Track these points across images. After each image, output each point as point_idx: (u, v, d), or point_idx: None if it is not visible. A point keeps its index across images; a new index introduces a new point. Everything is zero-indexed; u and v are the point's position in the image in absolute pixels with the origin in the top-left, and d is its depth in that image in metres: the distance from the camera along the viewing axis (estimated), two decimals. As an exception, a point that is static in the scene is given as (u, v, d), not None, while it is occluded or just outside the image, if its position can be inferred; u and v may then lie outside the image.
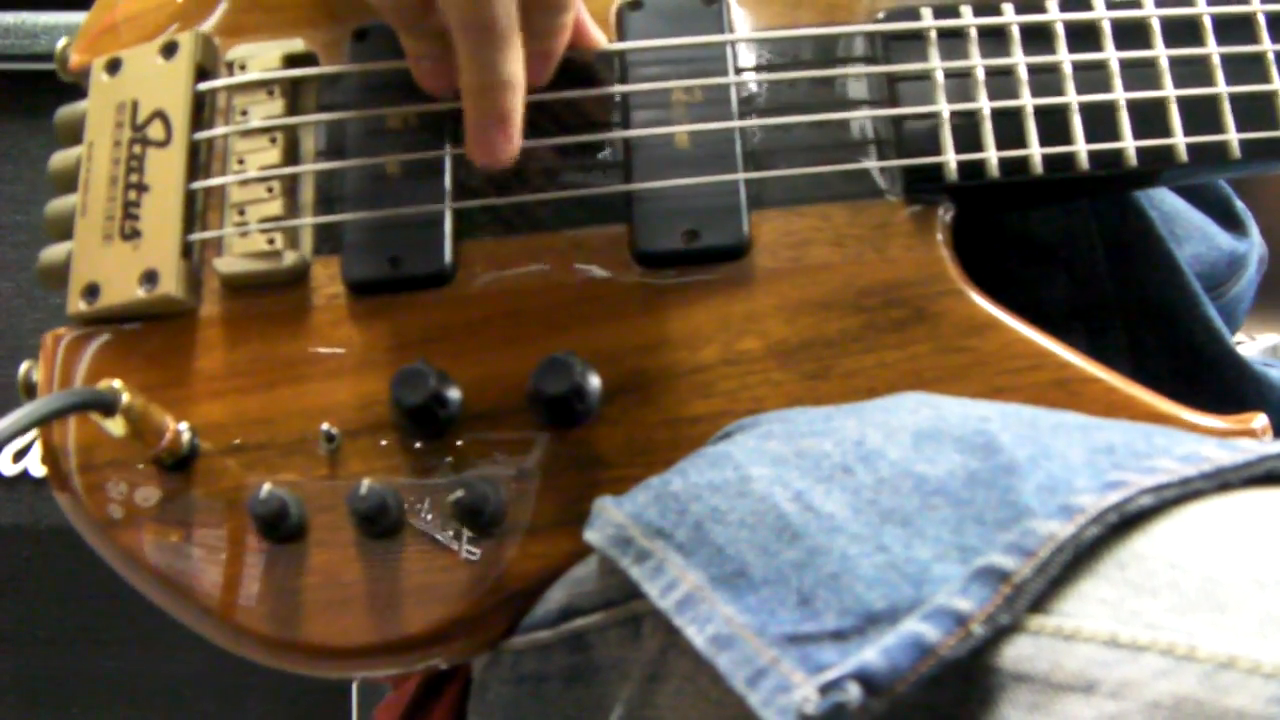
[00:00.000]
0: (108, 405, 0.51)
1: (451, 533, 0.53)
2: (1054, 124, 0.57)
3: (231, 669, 1.11)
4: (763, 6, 0.61)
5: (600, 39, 0.59)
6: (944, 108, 0.57)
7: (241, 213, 0.58)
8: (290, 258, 0.57)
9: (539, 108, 0.58)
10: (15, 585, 1.12)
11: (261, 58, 0.60)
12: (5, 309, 1.13)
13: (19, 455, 1.10)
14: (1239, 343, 0.68)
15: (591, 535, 0.49)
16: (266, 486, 0.52)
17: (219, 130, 0.60)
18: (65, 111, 0.63)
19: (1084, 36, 0.58)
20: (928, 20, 0.58)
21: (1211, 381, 0.65)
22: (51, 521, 1.09)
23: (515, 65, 0.52)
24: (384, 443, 0.55)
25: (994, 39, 0.58)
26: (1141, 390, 0.53)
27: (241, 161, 0.59)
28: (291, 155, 0.59)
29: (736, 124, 0.57)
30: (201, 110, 0.61)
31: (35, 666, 1.14)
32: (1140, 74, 0.58)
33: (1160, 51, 0.58)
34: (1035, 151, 0.56)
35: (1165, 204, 0.70)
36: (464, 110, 0.54)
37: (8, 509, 1.10)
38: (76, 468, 0.56)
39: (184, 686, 1.14)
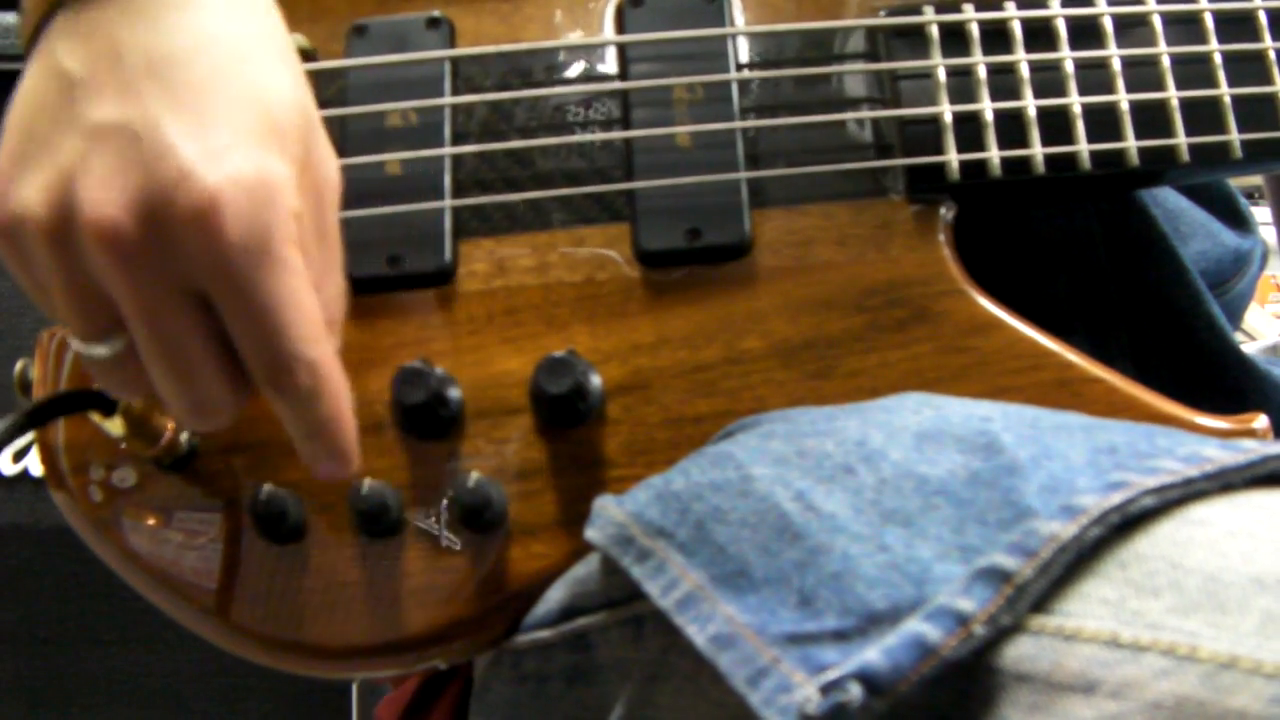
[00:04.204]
0: (108, 405, 0.51)
1: (451, 533, 0.53)
2: (1056, 123, 0.57)
3: (232, 669, 1.11)
4: (764, 4, 0.60)
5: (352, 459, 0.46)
6: (946, 108, 0.57)
7: (241, 211, 0.58)
8: (290, 256, 0.57)
9: (540, 105, 0.58)
10: (15, 585, 1.12)
11: (261, 55, 0.60)
12: (5, 309, 1.13)
13: (19, 455, 1.10)
14: (1241, 342, 0.68)
15: (592, 534, 0.49)
16: (267, 486, 0.52)
17: (219, 128, 0.60)
18: None
19: (1086, 34, 0.58)
20: (929, 15, 0.58)
21: (1215, 380, 0.65)
22: (51, 521, 1.09)
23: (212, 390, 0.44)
24: (384, 442, 0.55)
25: (996, 37, 0.58)
26: (1144, 390, 0.53)
27: (241, 159, 0.59)
28: (291, 153, 0.59)
29: (738, 124, 0.57)
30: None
31: (35, 666, 1.13)
32: (1142, 73, 0.58)
33: (1162, 49, 0.58)
34: (1037, 151, 0.56)
35: (1169, 202, 0.70)
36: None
37: (8, 509, 1.10)
38: (73, 467, 0.56)
39: (184, 686, 1.14)
